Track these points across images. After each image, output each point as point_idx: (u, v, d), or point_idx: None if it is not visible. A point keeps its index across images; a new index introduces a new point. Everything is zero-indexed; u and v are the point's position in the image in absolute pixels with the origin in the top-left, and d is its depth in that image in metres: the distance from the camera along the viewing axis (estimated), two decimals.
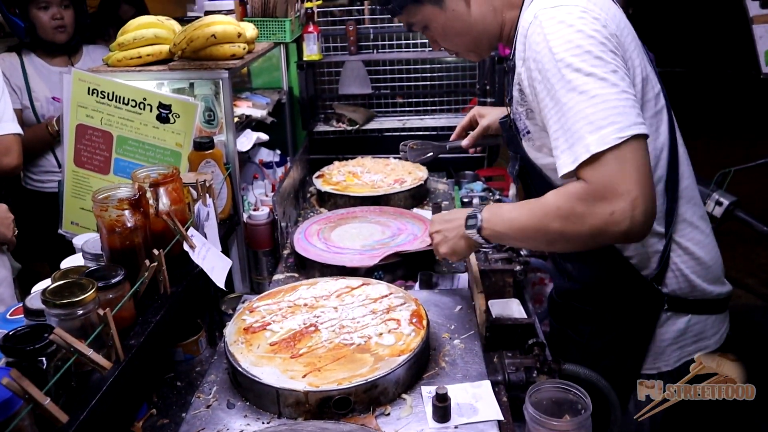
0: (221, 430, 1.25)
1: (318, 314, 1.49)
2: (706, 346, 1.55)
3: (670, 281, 1.48)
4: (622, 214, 1.17)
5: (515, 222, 1.36)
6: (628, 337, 1.53)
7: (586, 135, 1.19)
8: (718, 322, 1.56)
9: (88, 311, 1.18)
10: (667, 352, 1.53)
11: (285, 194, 2.26)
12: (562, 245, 1.36)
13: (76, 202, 2.03)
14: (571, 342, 1.63)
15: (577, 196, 1.22)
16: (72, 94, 1.93)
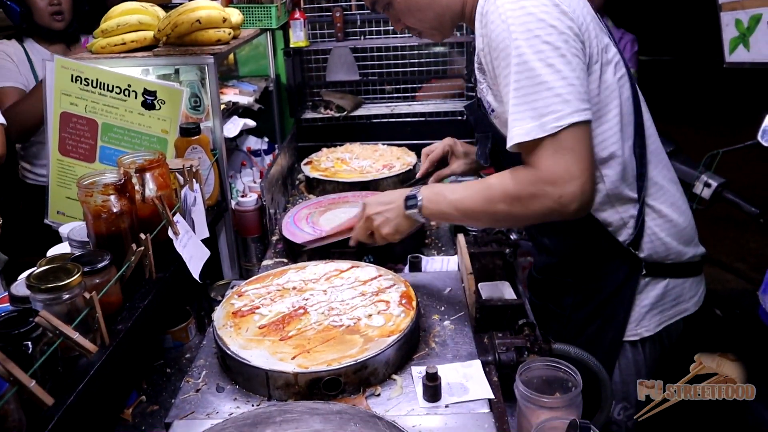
0: (211, 413, 1.24)
1: (307, 297, 1.48)
2: (685, 309, 1.59)
3: (646, 245, 1.52)
4: (571, 196, 1.26)
5: (459, 203, 1.43)
6: (609, 306, 1.56)
7: (530, 120, 1.27)
8: (695, 285, 1.60)
9: (73, 296, 1.17)
10: (647, 318, 1.57)
11: (273, 180, 2.25)
12: (505, 224, 1.50)
13: (61, 191, 2.01)
14: (553, 316, 1.66)
15: (525, 181, 1.30)
16: (55, 81, 1.91)
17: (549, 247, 1.67)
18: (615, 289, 1.54)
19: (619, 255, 1.52)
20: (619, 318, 1.55)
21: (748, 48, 1.95)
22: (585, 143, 1.28)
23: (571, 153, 1.26)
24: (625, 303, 1.54)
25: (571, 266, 1.61)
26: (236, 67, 3.08)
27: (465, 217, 1.47)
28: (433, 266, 1.87)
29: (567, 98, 1.26)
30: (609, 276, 1.55)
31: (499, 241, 1.85)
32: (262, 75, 3.04)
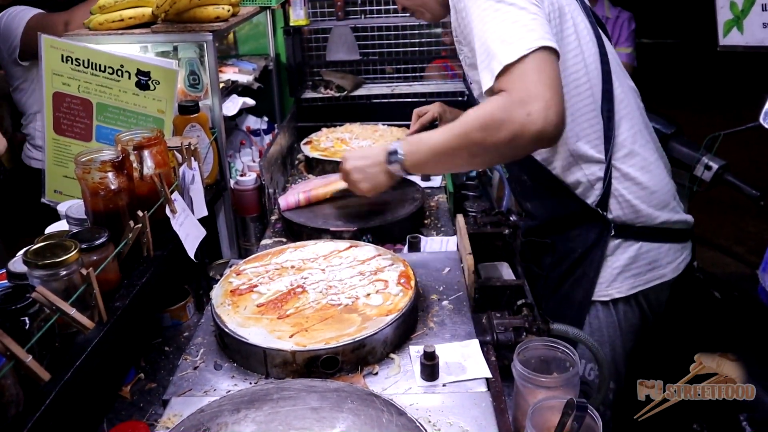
0: (208, 390, 1.24)
1: (305, 276, 1.48)
2: (663, 275, 1.63)
3: (613, 207, 1.59)
4: (538, 114, 1.25)
5: (437, 146, 1.43)
6: (581, 266, 1.63)
7: (498, 51, 1.30)
8: (674, 252, 1.64)
9: (71, 272, 1.17)
10: (619, 279, 1.62)
11: (272, 160, 2.24)
12: (482, 158, 1.45)
13: (58, 170, 2.00)
14: (536, 276, 1.72)
15: (495, 105, 1.30)
16: (45, 61, 1.88)
17: (531, 211, 1.76)
18: (586, 249, 1.61)
19: (590, 217, 1.60)
20: (589, 277, 1.62)
21: (741, 31, 1.94)
22: (553, 67, 1.30)
23: (539, 74, 1.28)
24: (595, 263, 1.60)
25: (549, 228, 1.69)
26: (236, 46, 3.06)
27: (445, 159, 1.45)
28: (432, 246, 1.87)
29: (532, 27, 1.30)
30: (580, 236, 1.62)
31: (499, 222, 1.85)
32: (262, 54, 3.02)
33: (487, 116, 1.32)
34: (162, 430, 1.14)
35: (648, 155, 1.62)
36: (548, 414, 1.11)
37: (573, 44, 1.50)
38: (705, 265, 1.72)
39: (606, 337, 1.65)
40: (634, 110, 1.63)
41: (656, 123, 1.86)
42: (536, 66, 1.28)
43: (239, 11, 2.21)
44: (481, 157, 1.42)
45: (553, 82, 1.28)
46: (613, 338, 1.66)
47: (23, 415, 0.99)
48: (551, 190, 1.63)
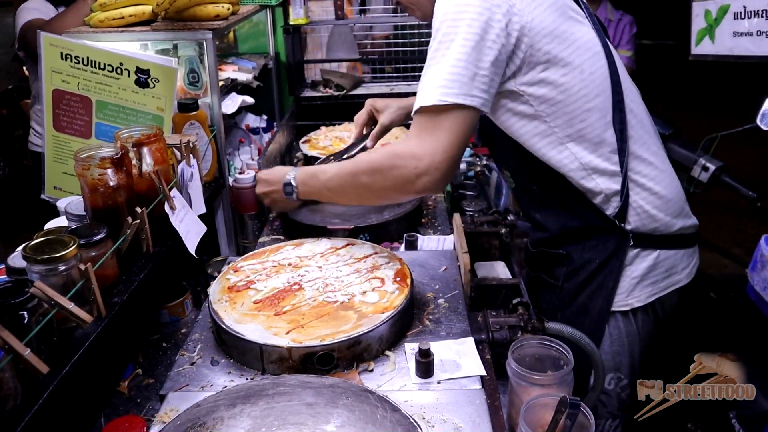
0: (205, 386, 1.25)
1: (302, 273, 1.49)
2: (678, 281, 1.62)
3: (632, 218, 1.55)
4: (425, 171, 1.36)
5: (329, 182, 1.57)
6: (599, 276, 1.59)
7: (422, 89, 1.37)
8: (687, 257, 1.63)
9: (69, 267, 1.18)
10: (638, 288, 1.59)
11: (271, 158, 2.25)
12: (369, 199, 1.60)
13: (58, 166, 2.00)
14: (546, 286, 1.69)
15: (391, 153, 1.43)
16: (44, 59, 1.89)
17: (540, 222, 1.69)
18: (605, 260, 1.57)
19: (608, 227, 1.56)
20: (608, 288, 1.58)
21: (713, 40, 1.93)
22: (461, 127, 1.36)
23: (441, 131, 1.36)
24: (614, 273, 1.57)
25: (562, 239, 1.64)
26: (235, 44, 3.07)
27: (335, 195, 1.60)
28: (429, 245, 1.88)
29: (456, 78, 1.33)
30: (599, 247, 1.58)
31: (496, 222, 1.86)
32: (262, 52, 3.03)
33: (378, 163, 1.44)
34: (159, 424, 1.14)
35: (659, 163, 1.59)
36: (542, 411, 1.12)
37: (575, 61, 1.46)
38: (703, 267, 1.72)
39: (626, 345, 1.63)
40: (644, 118, 1.61)
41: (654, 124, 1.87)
42: (443, 122, 1.36)
43: (239, 10, 2.22)
44: (368, 198, 1.57)
45: (451, 144, 1.36)
46: (632, 346, 1.62)
47: (21, 408, 1.00)
48: (565, 200, 1.59)
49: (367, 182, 1.46)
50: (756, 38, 1.77)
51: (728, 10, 1.84)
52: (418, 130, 1.38)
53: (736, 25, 1.85)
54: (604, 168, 1.52)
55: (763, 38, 1.78)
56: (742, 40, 1.84)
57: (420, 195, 1.45)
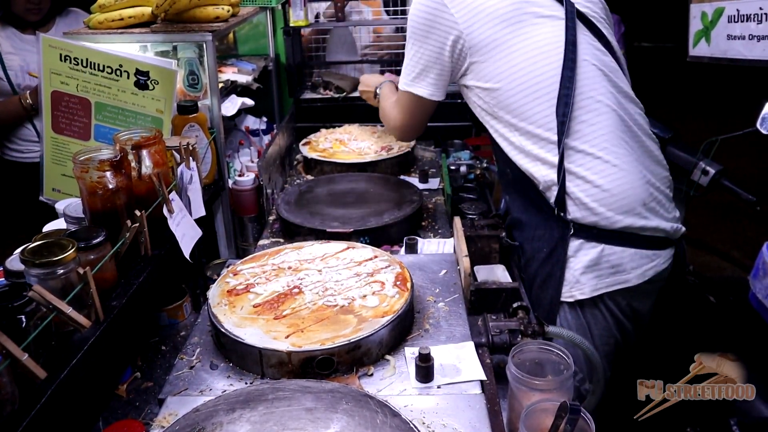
0: (204, 390, 1.25)
1: (302, 277, 1.48)
2: (626, 280, 1.64)
3: (571, 208, 1.63)
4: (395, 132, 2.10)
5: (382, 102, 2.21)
6: (547, 266, 1.67)
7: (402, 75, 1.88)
8: (639, 258, 1.64)
9: (68, 270, 1.17)
10: (582, 281, 1.64)
11: (271, 160, 2.24)
12: None
13: (56, 168, 2.00)
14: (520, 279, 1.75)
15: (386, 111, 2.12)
16: (43, 60, 1.88)
17: (509, 205, 1.86)
18: (551, 249, 1.65)
19: (553, 216, 1.65)
20: (556, 278, 1.65)
21: (708, 42, 1.94)
22: (417, 108, 1.91)
23: (402, 109, 1.95)
24: (560, 263, 1.64)
25: (520, 225, 1.76)
26: (235, 46, 3.06)
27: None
28: (429, 249, 1.87)
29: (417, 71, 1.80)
30: (545, 236, 1.67)
31: (496, 225, 1.85)
32: (262, 54, 3.02)
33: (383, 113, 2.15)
34: (157, 429, 1.14)
35: (612, 158, 1.61)
36: (542, 416, 1.12)
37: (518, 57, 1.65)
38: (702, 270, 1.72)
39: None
40: (607, 114, 1.64)
41: (654, 128, 1.86)
42: (404, 103, 1.92)
43: (239, 11, 2.22)
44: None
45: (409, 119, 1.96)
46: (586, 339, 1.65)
47: (19, 413, 1.00)
48: (524, 186, 1.70)
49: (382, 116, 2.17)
50: (748, 42, 1.79)
51: (723, 13, 1.85)
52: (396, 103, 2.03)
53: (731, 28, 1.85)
54: (544, 157, 1.63)
55: (754, 42, 1.78)
56: (735, 44, 1.84)
57: None
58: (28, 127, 2.71)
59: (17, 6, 2.66)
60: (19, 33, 2.73)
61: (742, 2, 1.79)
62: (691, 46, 2.01)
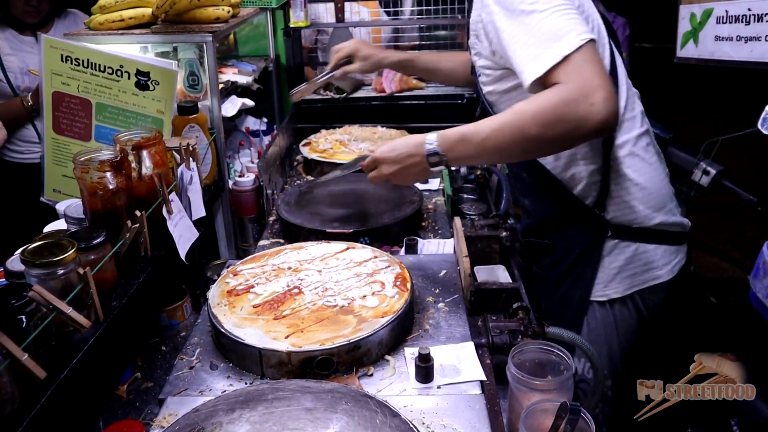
0: (204, 390, 1.25)
1: (302, 277, 1.49)
2: (658, 276, 1.66)
3: (611, 208, 1.61)
4: (600, 104, 1.27)
5: (487, 143, 1.41)
6: (578, 266, 1.65)
7: (551, 43, 1.32)
8: (669, 253, 1.66)
9: (68, 271, 1.17)
10: (616, 280, 1.64)
11: (271, 161, 2.24)
12: (535, 152, 1.48)
13: (57, 169, 2.00)
14: (535, 277, 1.74)
15: (555, 97, 1.31)
16: (44, 61, 1.89)
17: (528, 209, 1.79)
18: (583, 249, 1.63)
19: (587, 217, 1.62)
20: (587, 278, 1.64)
21: (696, 43, 1.95)
22: (599, 59, 1.34)
23: (594, 65, 1.31)
24: (593, 263, 1.63)
25: (547, 227, 1.71)
26: (236, 47, 3.06)
27: (493, 154, 1.46)
28: (429, 249, 1.87)
29: (577, 21, 1.34)
30: (578, 236, 1.64)
31: (496, 225, 1.85)
32: (262, 55, 3.02)
33: (547, 110, 1.31)
34: (157, 429, 1.14)
35: (648, 157, 1.63)
36: (542, 417, 1.12)
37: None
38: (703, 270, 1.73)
39: (603, 336, 1.68)
40: (637, 114, 1.65)
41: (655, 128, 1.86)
42: (590, 57, 1.31)
43: (239, 12, 2.22)
44: (535, 151, 1.45)
45: (604, 72, 1.32)
46: (610, 338, 1.68)
47: (19, 413, 1.00)
48: (549, 188, 1.65)
49: (536, 134, 1.33)
50: (735, 43, 1.80)
51: (712, 14, 1.86)
52: (565, 76, 1.31)
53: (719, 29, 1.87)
54: (590, 156, 1.58)
55: (741, 44, 1.79)
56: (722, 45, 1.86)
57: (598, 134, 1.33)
58: (29, 128, 2.71)
59: (16, 8, 2.67)
60: (18, 34, 2.74)
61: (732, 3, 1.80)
62: (678, 47, 2.02)
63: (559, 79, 1.31)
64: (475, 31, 1.62)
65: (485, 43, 1.56)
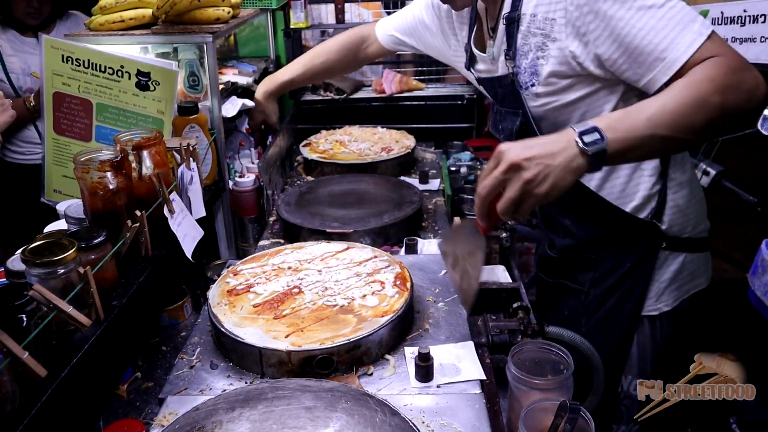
0: (204, 389, 1.25)
1: (302, 277, 1.49)
2: (699, 284, 1.62)
3: (668, 218, 1.53)
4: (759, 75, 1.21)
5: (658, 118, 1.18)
6: (629, 280, 1.56)
7: (691, 24, 1.23)
8: (706, 261, 1.64)
9: (68, 270, 1.17)
10: (666, 292, 1.58)
11: (271, 161, 2.25)
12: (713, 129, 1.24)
13: (58, 169, 2.00)
14: (569, 293, 1.65)
15: (725, 65, 1.20)
16: (45, 61, 1.89)
17: (570, 229, 1.64)
18: (635, 263, 1.55)
19: (640, 230, 1.54)
20: (638, 293, 1.56)
21: None
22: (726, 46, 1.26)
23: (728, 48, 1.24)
24: (645, 277, 1.55)
25: (592, 244, 1.60)
26: (236, 48, 3.07)
27: (668, 132, 1.19)
28: (429, 249, 1.87)
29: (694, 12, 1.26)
30: (629, 251, 1.55)
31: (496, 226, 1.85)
32: (262, 56, 3.03)
33: (726, 76, 1.19)
34: (157, 428, 1.14)
35: (689, 166, 1.59)
36: (541, 416, 1.12)
37: None
38: None
39: (650, 351, 1.63)
40: None
41: None
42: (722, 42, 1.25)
43: (239, 13, 2.22)
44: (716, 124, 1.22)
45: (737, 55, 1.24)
46: (656, 351, 1.63)
47: (19, 412, 1.00)
48: (595, 207, 1.55)
49: (719, 102, 1.18)
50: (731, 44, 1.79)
51: (707, 16, 1.85)
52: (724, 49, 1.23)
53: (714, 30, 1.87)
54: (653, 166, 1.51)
55: (737, 45, 1.79)
56: None
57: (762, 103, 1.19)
58: (30, 128, 2.72)
59: (17, 10, 2.67)
60: (20, 36, 2.75)
61: (727, 5, 1.80)
62: None
63: (713, 53, 1.21)
64: (544, 32, 1.40)
65: (568, 41, 1.36)
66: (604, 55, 1.33)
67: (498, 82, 1.59)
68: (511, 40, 1.47)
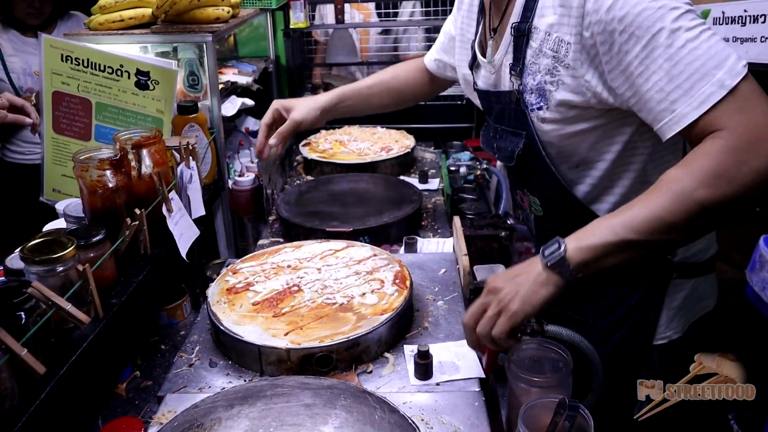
0: (203, 387, 1.25)
1: (301, 275, 1.49)
2: (707, 306, 1.52)
3: (680, 249, 1.41)
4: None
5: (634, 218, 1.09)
6: (638, 311, 1.46)
7: (712, 71, 1.04)
8: (712, 280, 1.55)
9: (67, 268, 1.17)
10: (676, 319, 1.48)
11: (270, 161, 2.25)
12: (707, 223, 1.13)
13: (57, 168, 2.00)
14: (571, 323, 1.56)
15: (722, 149, 1.03)
16: (44, 60, 1.89)
17: None
18: (644, 293, 1.45)
19: (649, 261, 1.41)
20: (649, 323, 1.47)
21: None
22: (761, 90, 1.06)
23: (759, 99, 1.04)
24: (655, 307, 1.45)
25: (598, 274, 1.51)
26: (236, 48, 3.07)
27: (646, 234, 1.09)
28: (428, 248, 1.88)
29: (727, 51, 1.06)
30: (638, 281, 1.45)
31: (495, 225, 1.86)
32: (262, 56, 3.03)
33: (715, 166, 1.03)
34: (156, 426, 1.14)
35: None
36: (541, 413, 1.12)
37: None
38: None
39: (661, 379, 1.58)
40: None
41: None
42: (752, 92, 1.04)
43: (239, 13, 2.23)
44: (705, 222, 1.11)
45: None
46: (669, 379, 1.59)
47: (18, 409, 1.00)
48: None
49: (706, 197, 1.04)
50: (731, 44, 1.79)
51: (709, 16, 1.85)
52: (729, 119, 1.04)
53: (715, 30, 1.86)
54: None
55: (737, 45, 1.79)
56: None
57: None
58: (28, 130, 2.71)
59: (18, 10, 2.68)
60: (21, 36, 2.75)
61: (728, 4, 1.79)
62: None
63: (722, 120, 1.04)
64: (557, 55, 1.25)
65: (583, 70, 1.22)
66: (618, 90, 1.19)
67: (497, 98, 1.45)
68: (519, 54, 1.32)
